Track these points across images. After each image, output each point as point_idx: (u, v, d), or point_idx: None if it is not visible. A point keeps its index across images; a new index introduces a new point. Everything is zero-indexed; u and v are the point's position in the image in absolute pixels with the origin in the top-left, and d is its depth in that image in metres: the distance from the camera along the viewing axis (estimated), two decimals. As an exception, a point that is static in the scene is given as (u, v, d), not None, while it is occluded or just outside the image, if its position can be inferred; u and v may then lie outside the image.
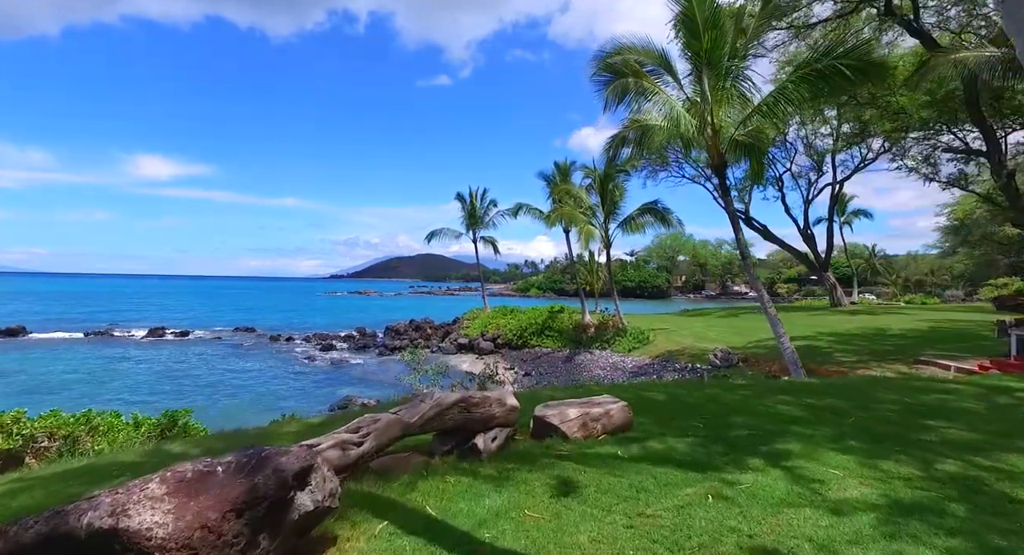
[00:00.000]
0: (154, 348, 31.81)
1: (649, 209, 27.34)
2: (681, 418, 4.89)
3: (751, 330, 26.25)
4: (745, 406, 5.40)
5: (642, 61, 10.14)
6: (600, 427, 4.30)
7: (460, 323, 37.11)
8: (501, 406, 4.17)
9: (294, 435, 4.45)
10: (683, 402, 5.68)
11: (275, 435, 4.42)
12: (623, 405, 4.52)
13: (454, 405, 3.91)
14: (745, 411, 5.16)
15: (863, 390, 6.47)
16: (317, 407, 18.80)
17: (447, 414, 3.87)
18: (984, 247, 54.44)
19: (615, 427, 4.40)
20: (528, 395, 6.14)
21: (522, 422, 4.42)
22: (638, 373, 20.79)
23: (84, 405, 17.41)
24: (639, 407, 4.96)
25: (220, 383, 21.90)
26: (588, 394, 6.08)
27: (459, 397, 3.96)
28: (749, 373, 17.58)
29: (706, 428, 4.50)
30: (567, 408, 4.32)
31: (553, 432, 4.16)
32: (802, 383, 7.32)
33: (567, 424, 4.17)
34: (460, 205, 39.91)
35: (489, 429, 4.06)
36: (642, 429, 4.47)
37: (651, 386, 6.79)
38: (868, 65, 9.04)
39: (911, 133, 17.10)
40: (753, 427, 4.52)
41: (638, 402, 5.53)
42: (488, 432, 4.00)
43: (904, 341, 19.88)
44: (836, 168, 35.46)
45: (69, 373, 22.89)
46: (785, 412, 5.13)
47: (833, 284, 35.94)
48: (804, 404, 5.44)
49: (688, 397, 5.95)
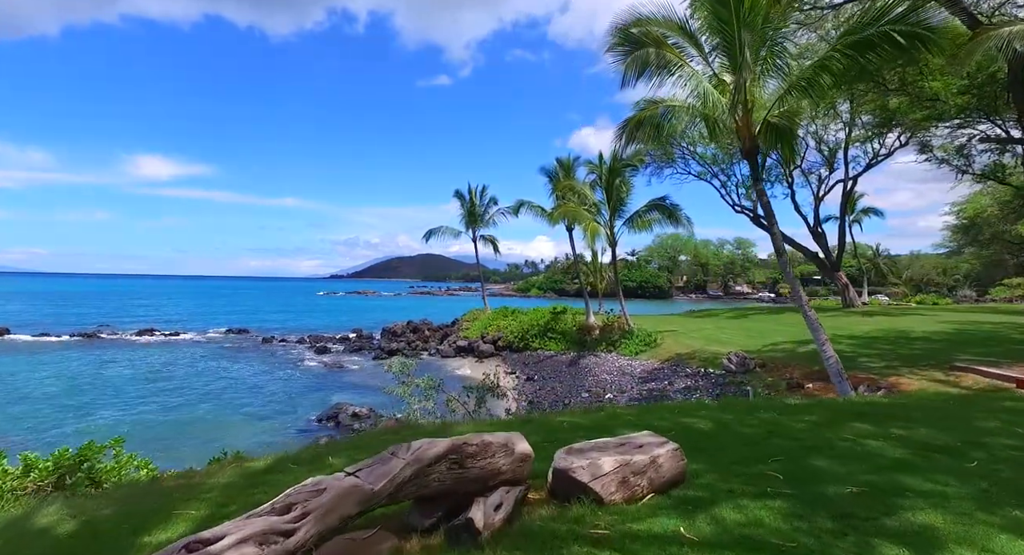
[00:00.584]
0: (141, 350, 30.58)
1: (657, 206, 26.11)
2: (745, 461, 3.68)
3: (764, 332, 25.04)
4: (820, 440, 4.20)
5: (664, 33, 8.95)
6: (646, 483, 3.09)
7: (459, 324, 35.90)
8: (508, 455, 2.96)
9: (209, 503, 3.22)
10: (737, 433, 4.47)
11: (180, 500, 3.15)
12: (673, 449, 3.30)
13: (441, 459, 2.70)
14: (824, 448, 3.96)
15: (952, 414, 5.26)
16: (306, 415, 17.62)
17: (431, 473, 2.66)
18: (993, 247, 53.33)
19: (665, 482, 3.18)
20: (540, 422, 4.93)
21: (537, 465, 3.21)
22: (648, 378, 19.57)
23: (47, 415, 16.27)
24: (684, 441, 3.76)
25: (201, 389, 20.67)
26: (614, 421, 4.88)
27: (448, 446, 2.74)
28: (769, 379, 16.37)
29: (787, 479, 3.29)
30: (599, 456, 3.10)
31: (582, 493, 2.94)
32: (868, 403, 6.10)
33: (601, 481, 2.96)
34: (459, 203, 38.74)
35: (491, 489, 2.85)
36: (700, 482, 3.25)
37: (687, 408, 5.58)
38: (927, 32, 7.82)
39: (944, 122, 15.93)
40: (850, 477, 3.31)
41: (680, 433, 4.33)
42: (490, 496, 2.79)
43: (932, 344, 18.65)
44: (848, 164, 34.24)
45: (44, 378, 21.67)
46: (878, 450, 3.92)
47: (845, 284, 34.68)
48: (895, 438, 4.24)
49: (740, 424, 4.74)
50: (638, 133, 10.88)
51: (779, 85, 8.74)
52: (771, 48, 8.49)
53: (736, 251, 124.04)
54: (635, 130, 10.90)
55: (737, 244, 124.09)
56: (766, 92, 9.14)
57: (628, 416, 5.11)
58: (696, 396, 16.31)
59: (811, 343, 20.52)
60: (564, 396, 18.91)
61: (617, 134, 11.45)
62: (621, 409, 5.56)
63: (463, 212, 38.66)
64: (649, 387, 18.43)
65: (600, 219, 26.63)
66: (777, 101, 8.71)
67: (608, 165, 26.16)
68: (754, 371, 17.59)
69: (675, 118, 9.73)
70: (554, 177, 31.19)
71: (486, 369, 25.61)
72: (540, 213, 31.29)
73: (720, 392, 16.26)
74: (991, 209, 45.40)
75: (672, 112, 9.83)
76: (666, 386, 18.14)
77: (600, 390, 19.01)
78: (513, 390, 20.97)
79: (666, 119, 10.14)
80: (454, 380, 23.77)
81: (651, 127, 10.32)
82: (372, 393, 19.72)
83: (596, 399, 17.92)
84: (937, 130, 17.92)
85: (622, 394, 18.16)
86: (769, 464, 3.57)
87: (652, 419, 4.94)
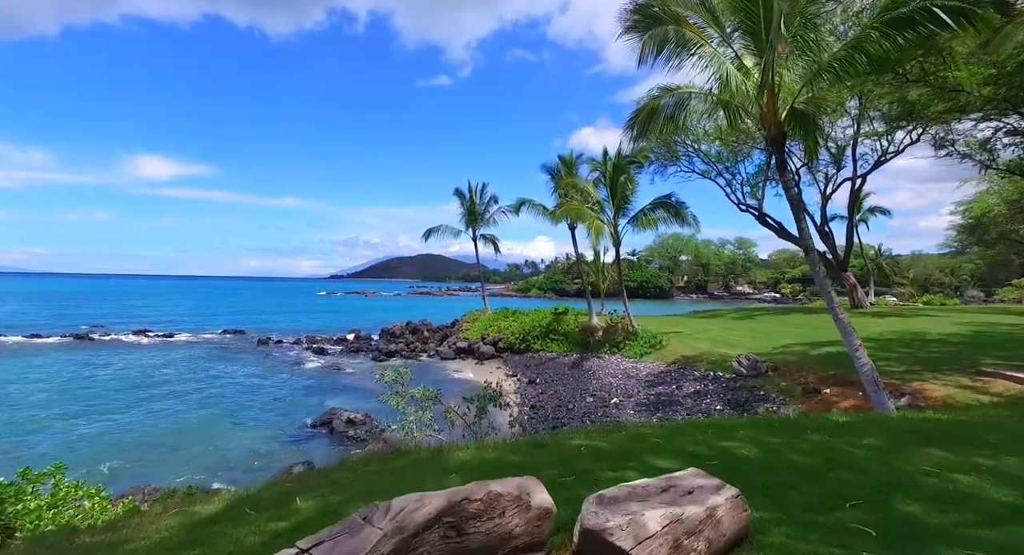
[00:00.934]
0: (133, 353, 29.83)
1: (662, 203, 25.36)
2: (817, 507, 2.94)
3: (772, 334, 24.32)
4: (896, 474, 3.46)
5: (683, 12, 8.20)
6: (704, 547, 2.35)
7: (459, 325, 35.16)
8: (522, 512, 2.22)
9: None
10: (789, 462, 3.73)
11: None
12: (732, 496, 2.56)
13: (433, 525, 1.96)
14: (908, 486, 3.22)
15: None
16: (299, 420, 16.85)
17: (418, 545, 1.92)
18: (999, 246, 52.67)
19: (726, 542, 2.45)
20: (553, 447, 4.17)
21: (558, 513, 2.47)
22: (654, 382, 18.84)
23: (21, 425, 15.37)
24: (732, 474, 3.03)
25: (191, 393, 19.93)
26: (639, 444, 4.14)
27: (443, 506, 2.00)
28: (782, 384, 15.66)
29: (880, 536, 2.56)
30: (641, 509, 2.36)
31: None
32: (923, 420, 5.35)
33: (648, 546, 2.22)
34: (459, 201, 38.00)
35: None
36: (770, 541, 2.51)
37: (720, 426, 4.83)
38: (973, 6, 7.09)
39: (968, 115, 15.18)
40: (961, 534, 2.57)
41: (723, 462, 3.60)
42: (499, 573, 2.05)
43: (950, 347, 17.93)
44: (856, 162, 33.51)
45: (28, 383, 20.91)
46: (976, 490, 3.19)
47: (853, 284, 33.95)
48: (985, 470, 3.51)
49: (790, 450, 4.00)
50: (650, 124, 10.12)
51: (807, 68, 7.98)
52: (802, 24, 7.74)
53: (737, 251, 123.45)
54: (647, 120, 10.14)
55: (738, 244, 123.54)
56: (792, 77, 8.38)
57: (654, 438, 4.38)
58: (707, 401, 15.59)
59: (824, 346, 19.96)
60: (568, 400, 18.18)
61: (627, 125, 10.69)
62: (645, 429, 4.82)
63: (463, 211, 37.93)
64: (656, 391, 17.70)
65: (603, 217, 25.88)
66: (805, 85, 7.96)
67: (613, 161, 25.42)
68: (766, 375, 16.87)
69: (692, 106, 8.97)
70: (556, 174, 30.46)
71: (487, 371, 24.91)
72: (542, 212, 30.55)
73: (732, 397, 15.54)
74: (998, 208, 44.84)
75: (688, 99, 9.07)
76: (674, 390, 17.41)
77: (605, 394, 18.28)
78: (515, 394, 20.24)
79: (681, 107, 9.38)
80: (453, 384, 23.01)
81: (665, 117, 9.56)
82: (368, 397, 18.99)
83: (601, 404, 17.20)
84: (959, 124, 17.16)
85: (628, 398, 17.43)
86: (849, 511, 2.83)
87: (684, 442, 4.20)
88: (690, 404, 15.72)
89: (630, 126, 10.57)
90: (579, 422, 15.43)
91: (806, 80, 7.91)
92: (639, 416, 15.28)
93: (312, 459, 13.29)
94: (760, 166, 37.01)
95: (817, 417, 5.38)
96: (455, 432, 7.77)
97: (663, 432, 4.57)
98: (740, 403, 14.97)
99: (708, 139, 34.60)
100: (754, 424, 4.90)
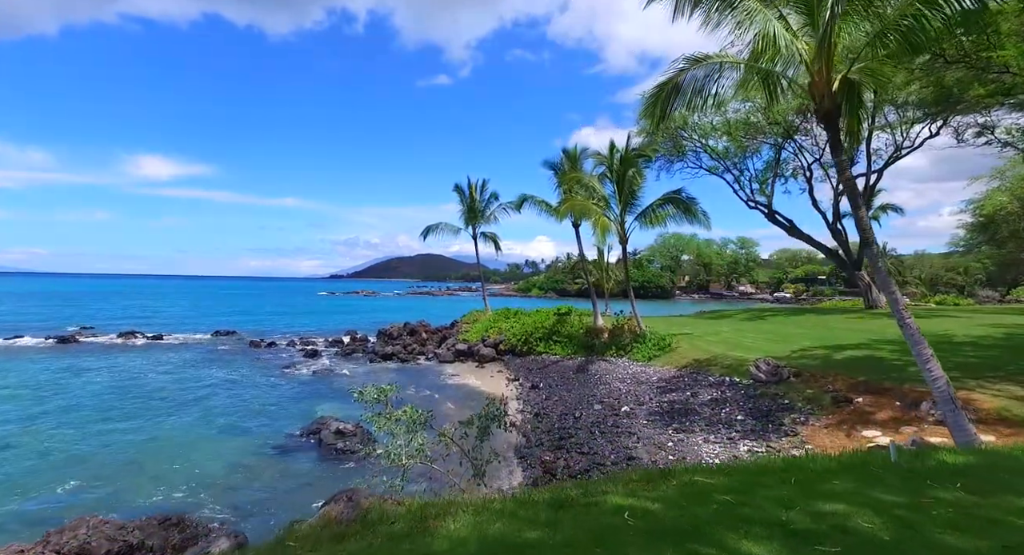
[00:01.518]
0: (119, 356, 28.60)
1: (671, 199, 24.11)
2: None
3: (788, 336, 23.10)
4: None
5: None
6: None
7: (459, 327, 33.95)
8: None
9: None
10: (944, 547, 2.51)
11: None
12: None
13: None
14: None
15: None
16: (287, 428, 15.62)
17: None
18: (1009, 245, 51.50)
19: None
20: (579, 509, 2.94)
21: None
22: (666, 388, 17.61)
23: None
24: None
25: (174, 400, 18.72)
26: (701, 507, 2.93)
27: None
28: (808, 392, 14.40)
29: None
30: None
31: None
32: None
33: None
34: (459, 198, 36.79)
35: None
36: None
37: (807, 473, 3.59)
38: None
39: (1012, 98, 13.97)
40: None
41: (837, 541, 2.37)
42: None
43: (985, 351, 16.71)
44: (871, 157, 32.29)
45: (3, 388, 19.72)
46: None
47: (868, 284, 32.72)
48: None
49: (932, 521, 2.77)
50: (674, 101, 8.88)
51: (866, 31, 6.75)
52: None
53: (739, 251, 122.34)
54: (669, 99, 8.90)
55: (740, 243, 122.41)
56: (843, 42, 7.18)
57: (720, 493, 3.17)
58: (726, 410, 14.36)
59: (846, 349, 18.68)
60: (574, 407, 16.97)
61: (646, 103, 9.46)
62: (702, 477, 3.60)
63: (463, 208, 36.74)
64: (669, 398, 16.49)
65: (609, 214, 24.65)
66: (864, 49, 6.74)
67: (620, 155, 24.19)
68: (788, 381, 15.63)
69: (725, 78, 7.76)
70: (559, 170, 29.27)
71: (487, 375, 23.70)
72: (545, 208, 29.36)
73: (754, 406, 14.33)
74: (1011, 206, 43.80)
75: (720, 70, 7.85)
76: (689, 397, 16.18)
77: (614, 401, 17.05)
78: (517, 400, 19.03)
79: (712, 80, 8.16)
80: (451, 389, 21.79)
81: (693, 91, 8.33)
82: (360, 405, 17.77)
83: (611, 412, 15.97)
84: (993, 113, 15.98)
85: (640, 406, 16.21)
86: None
87: (766, 502, 2.99)
88: (708, 413, 14.49)
89: (649, 105, 9.33)
90: (588, 432, 14.24)
91: (866, 43, 6.68)
92: (653, 427, 14.06)
93: (300, 473, 12.12)
94: (769, 162, 35.86)
95: (921, 455, 4.15)
96: (451, 458, 6.57)
97: (730, 484, 3.36)
98: (763, 413, 13.76)
99: (716, 134, 33.46)
100: (848, 469, 3.67)
